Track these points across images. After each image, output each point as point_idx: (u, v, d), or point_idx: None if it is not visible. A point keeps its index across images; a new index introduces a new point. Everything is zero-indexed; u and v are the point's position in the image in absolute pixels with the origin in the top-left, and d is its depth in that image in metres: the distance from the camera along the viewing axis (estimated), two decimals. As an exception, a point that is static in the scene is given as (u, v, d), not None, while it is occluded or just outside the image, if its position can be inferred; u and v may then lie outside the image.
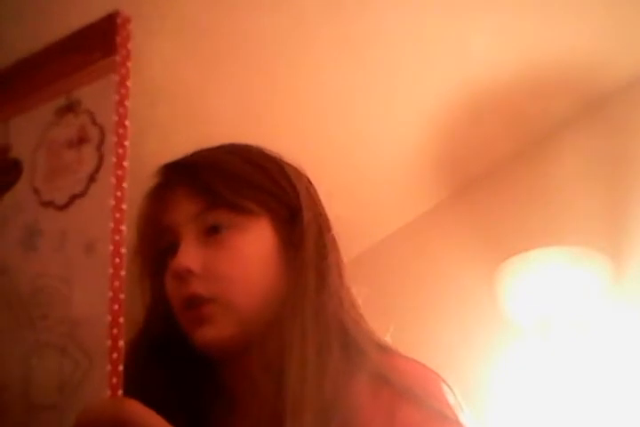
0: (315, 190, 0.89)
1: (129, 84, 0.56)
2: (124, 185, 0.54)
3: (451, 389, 0.77)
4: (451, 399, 0.75)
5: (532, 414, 1.61)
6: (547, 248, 1.65)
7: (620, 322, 1.62)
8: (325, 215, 0.87)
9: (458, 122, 1.92)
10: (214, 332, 0.77)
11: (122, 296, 0.52)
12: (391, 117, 1.93)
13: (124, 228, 0.54)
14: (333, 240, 0.85)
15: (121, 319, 0.52)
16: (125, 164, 0.55)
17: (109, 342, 0.51)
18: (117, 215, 0.53)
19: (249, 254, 0.80)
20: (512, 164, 1.99)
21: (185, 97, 1.84)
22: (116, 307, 0.52)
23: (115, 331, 0.52)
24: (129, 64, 0.57)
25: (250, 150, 0.88)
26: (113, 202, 0.53)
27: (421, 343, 0.89)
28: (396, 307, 1.75)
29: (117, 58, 0.56)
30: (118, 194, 0.54)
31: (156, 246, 0.83)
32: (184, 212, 0.81)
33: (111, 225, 0.53)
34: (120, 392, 0.52)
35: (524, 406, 1.65)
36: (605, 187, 1.75)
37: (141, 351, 0.82)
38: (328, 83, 1.84)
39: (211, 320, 0.77)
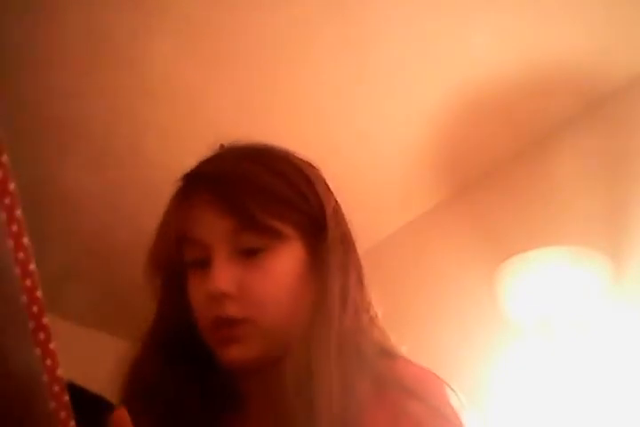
0: (339, 206, 0.88)
1: None
2: (12, 187, 0.42)
3: (456, 393, 0.77)
4: (455, 403, 0.76)
5: (533, 413, 1.61)
6: (547, 248, 1.65)
7: (620, 322, 1.62)
8: (350, 233, 0.87)
9: (458, 122, 1.92)
10: (242, 351, 0.78)
11: (45, 321, 0.43)
12: (391, 117, 1.93)
13: (26, 240, 0.42)
14: (357, 258, 0.86)
15: (52, 347, 0.43)
16: (4, 159, 0.42)
17: (46, 377, 0.43)
18: (14, 228, 0.41)
19: (282, 277, 0.80)
20: (512, 164, 1.99)
21: (185, 97, 1.84)
22: (42, 336, 0.43)
23: (48, 362, 0.43)
24: None
25: (276, 158, 0.86)
26: (4, 214, 0.41)
27: (421, 343, 0.89)
28: (395, 307, 1.75)
29: None
30: (7, 201, 0.41)
31: (179, 256, 0.82)
32: (216, 228, 0.80)
33: (10, 243, 0.41)
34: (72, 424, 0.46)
35: (525, 406, 1.65)
36: (605, 187, 1.74)
37: (152, 351, 0.83)
38: (328, 83, 1.84)
39: (240, 340, 0.78)
